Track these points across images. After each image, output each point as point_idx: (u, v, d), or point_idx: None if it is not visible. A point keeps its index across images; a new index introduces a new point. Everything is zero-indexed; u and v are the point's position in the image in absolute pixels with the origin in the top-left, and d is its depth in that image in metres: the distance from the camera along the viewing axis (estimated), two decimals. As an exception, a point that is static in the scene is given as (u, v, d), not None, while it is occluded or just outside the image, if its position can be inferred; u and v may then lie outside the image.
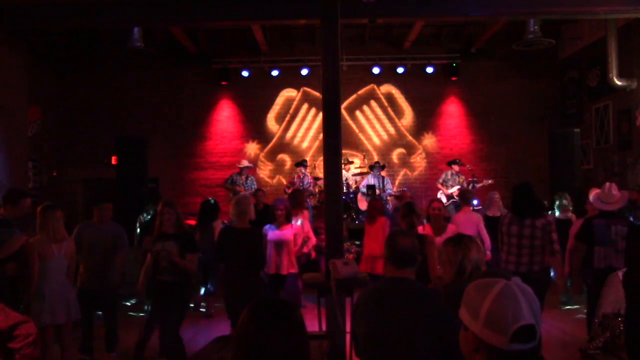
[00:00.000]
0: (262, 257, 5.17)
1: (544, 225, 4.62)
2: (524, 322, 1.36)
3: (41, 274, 4.41)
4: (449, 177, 10.12)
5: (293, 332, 1.52)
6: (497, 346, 1.38)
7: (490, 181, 9.89)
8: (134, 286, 5.31)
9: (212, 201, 7.25)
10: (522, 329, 1.36)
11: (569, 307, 7.03)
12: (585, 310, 5.61)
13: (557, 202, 7.12)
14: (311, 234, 6.43)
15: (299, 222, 6.25)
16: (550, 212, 7.22)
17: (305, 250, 6.29)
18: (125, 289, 6.30)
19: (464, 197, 6.88)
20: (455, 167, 10.13)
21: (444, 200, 9.82)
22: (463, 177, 10.14)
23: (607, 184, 5.04)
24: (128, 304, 7.47)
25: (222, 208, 7.59)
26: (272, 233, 5.72)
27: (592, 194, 5.26)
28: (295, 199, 6.59)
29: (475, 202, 9.78)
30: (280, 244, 5.70)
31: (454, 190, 9.80)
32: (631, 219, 7.67)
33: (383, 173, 10.22)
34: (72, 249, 4.66)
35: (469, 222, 6.30)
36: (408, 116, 11.71)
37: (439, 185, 10.18)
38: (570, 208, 7.10)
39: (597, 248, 4.84)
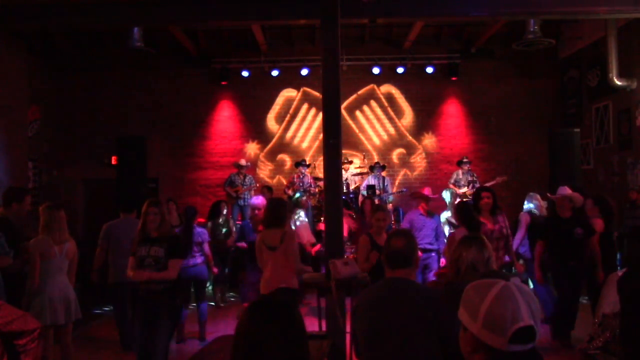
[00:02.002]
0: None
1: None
2: (522, 323, 1.36)
3: (42, 273, 4.41)
4: (460, 176, 10.03)
5: (291, 331, 1.52)
6: (496, 347, 1.38)
7: (503, 177, 9.83)
8: None
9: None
10: (521, 330, 1.36)
11: None
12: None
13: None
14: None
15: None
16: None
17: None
18: None
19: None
20: (465, 167, 10.07)
21: (457, 200, 9.78)
22: (475, 175, 10.08)
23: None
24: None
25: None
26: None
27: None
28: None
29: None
30: None
31: (465, 190, 9.76)
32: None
33: (383, 173, 10.21)
34: (74, 250, 4.65)
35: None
36: (408, 116, 11.70)
37: (451, 186, 10.07)
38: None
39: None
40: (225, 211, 7.96)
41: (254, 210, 5.44)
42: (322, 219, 8.67)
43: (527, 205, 7.03)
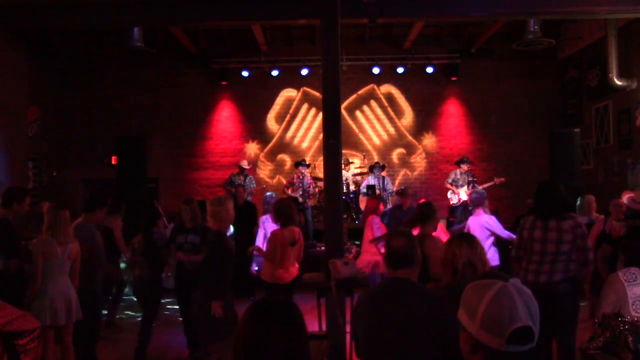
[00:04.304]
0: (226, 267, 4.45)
1: (573, 229, 4.08)
2: (520, 323, 1.36)
3: (44, 274, 4.40)
4: (458, 176, 9.86)
5: (292, 331, 1.52)
6: (494, 347, 1.39)
7: (501, 179, 9.73)
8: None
9: None
10: (518, 331, 1.36)
11: None
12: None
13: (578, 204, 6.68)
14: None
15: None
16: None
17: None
18: None
19: (473, 199, 6.59)
20: (464, 167, 9.93)
21: (455, 200, 9.74)
22: (473, 175, 9.93)
23: None
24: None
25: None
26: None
27: (626, 197, 5.10)
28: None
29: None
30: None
31: (464, 189, 9.71)
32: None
33: (383, 173, 10.20)
34: (77, 251, 4.64)
35: (476, 225, 6.13)
36: (408, 116, 11.70)
37: (448, 185, 9.94)
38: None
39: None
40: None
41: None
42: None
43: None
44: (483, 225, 6.06)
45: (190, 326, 5.29)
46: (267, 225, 6.33)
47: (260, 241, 6.78)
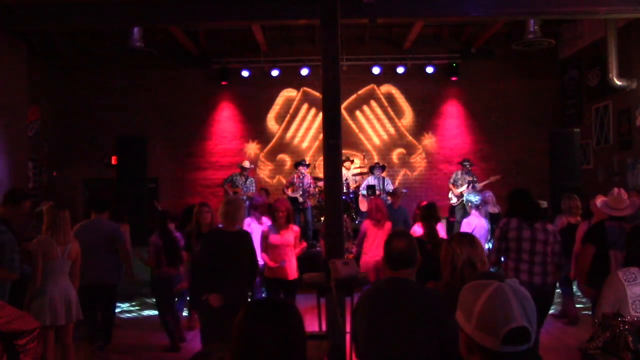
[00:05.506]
0: (255, 264, 4.63)
1: (554, 232, 4.35)
2: (515, 324, 1.36)
3: (44, 274, 4.40)
4: (459, 176, 10.01)
5: (290, 330, 1.52)
6: (490, 348, 1.39)
7: (497, 177, 9.75)
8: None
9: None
10: (513, 331, 1.36)
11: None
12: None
13: (567, 204, 6.46)
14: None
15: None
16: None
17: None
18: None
19: (487, 198, 6.56)
20: (465, 167, 10.04)
21: (454, 200, 9.77)
22: (473, 175, 9.98)
23: (616, 189, 4.78)
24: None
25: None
26: (273, 236, 5.51)
27: (599, 201, 4.93)
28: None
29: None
30: (281, 248, 5.49)
31: (463, 189, 9.72)
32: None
33: (383, 174, 10.19)
34: (77, 251, 4.64)
35: (481, 227, 6.22)
36: (408, 116, 11.71)
37: (450, 186, 10.06)
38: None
39: (612, 252, 4.49)
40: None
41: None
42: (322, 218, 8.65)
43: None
44: (486, 227, 6.14)
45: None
46: (252, 227, 6.28)
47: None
